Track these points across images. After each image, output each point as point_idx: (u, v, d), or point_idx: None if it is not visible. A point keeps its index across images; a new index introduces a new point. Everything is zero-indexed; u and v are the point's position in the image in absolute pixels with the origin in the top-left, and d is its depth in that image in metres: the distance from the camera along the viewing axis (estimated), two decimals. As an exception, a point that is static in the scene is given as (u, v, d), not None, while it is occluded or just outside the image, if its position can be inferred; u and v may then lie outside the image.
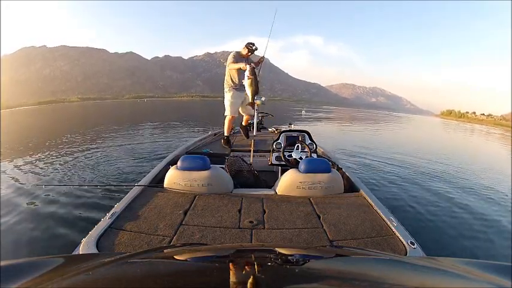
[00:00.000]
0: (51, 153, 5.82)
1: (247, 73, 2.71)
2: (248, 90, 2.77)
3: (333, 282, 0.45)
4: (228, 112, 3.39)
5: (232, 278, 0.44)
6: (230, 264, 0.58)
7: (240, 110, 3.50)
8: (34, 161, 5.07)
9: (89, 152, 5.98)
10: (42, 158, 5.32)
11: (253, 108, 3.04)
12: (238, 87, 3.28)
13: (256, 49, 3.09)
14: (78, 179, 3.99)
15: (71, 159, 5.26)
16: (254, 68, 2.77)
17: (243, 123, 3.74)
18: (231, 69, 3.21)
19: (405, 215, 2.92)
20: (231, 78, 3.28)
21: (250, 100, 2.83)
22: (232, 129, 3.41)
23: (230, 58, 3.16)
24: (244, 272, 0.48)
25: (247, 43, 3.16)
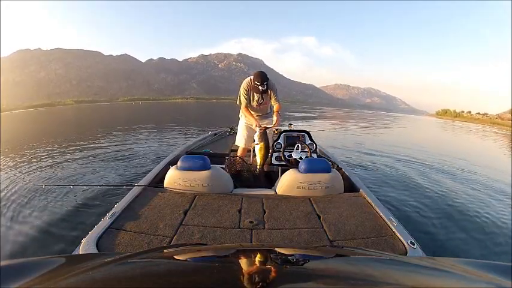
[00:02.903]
0: (50, 153, 5.83)
1: (256, 137, 2.27)
2: (258, 156, 2.29)
3: (333, 282, 0.45)
4: (239, 142, 2.75)
5: (232, 278, 0.44)
6: (230, 264, 0.58)
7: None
8: (34, 162, 5.07)
9: (88, 152, 5.98)
10: (42, 159, 5.32)
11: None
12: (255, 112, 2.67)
13: (266, 86, 2.39)
14: (78, 179, 3.99)
15: (70, 159, 5.26)
16: (266, 129, 2.32)
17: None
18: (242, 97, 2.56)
19: (405, 215, 2.91)
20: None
21: (258, 167, 2.31)
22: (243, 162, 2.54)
23: (242, 90, 2.52)
24: (244, 272, 0.48)
25: (255, 77, 2.39)
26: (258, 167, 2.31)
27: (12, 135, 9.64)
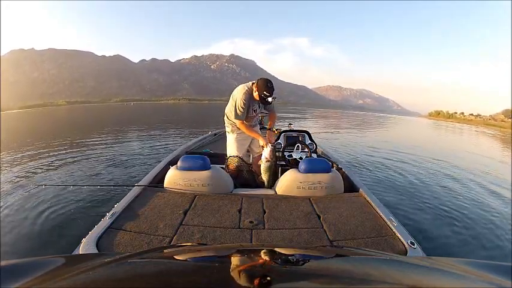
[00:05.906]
0: (51, 153, 5.83)
1: (266, 154, 2.04)
2: (264, 176, 2.07)
3: (333, 282, 0.45)
4: (233, 153, 2.42)
5: (232, 279, 0.44)
6: (230, 264, 0.58)
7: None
8: (34, 161, 5.07)
9: (89, 152, 5.99)
10: (42, 159, 5.33)
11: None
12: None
13: (272, 100, 2.09)
14: (78, 179, 3.99)
15: (70, 159, 5.27)
16: (275, 147, 2.16)
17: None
18: (239, 110, 2.18)
19: (405, 215, 2.91)
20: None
21: (266, 185, 2.09)
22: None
23: (240, 101, 2.14)
24: (244, 272, 0.48)
25: (262, 88, 2.06)
26: (265, 184, 2.10)
27: (10, 135, 9.65)
